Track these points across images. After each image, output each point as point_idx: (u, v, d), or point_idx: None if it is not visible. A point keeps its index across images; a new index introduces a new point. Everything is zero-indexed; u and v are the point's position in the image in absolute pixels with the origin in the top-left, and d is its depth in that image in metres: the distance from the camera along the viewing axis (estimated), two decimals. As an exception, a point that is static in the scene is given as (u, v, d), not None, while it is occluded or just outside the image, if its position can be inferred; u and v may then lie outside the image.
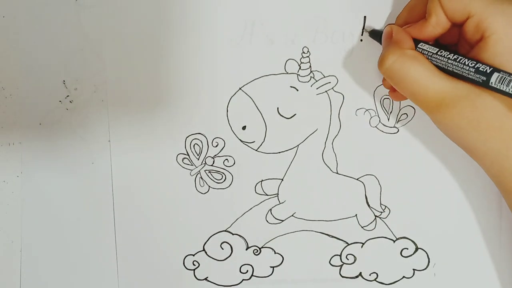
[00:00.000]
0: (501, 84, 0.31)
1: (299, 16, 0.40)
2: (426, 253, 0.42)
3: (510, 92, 0.30)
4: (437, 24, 0.35)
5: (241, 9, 0.40)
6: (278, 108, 0.41)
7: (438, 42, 0.37)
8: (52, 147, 0.41)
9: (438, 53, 0.34)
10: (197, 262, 0.43)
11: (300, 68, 0.41)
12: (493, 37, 0.32)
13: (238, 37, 0.41)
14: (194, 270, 0.43)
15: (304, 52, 0.41)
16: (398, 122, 0.41)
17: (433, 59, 0.34)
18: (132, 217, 0.42)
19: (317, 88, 0.41)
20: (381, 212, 0.42)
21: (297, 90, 0.41)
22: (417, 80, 0.34)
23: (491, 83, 0.31)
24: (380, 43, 0.38)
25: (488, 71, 0.31)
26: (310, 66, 0.41)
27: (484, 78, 0.31)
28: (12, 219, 0.42)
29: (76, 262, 0.42)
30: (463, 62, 0.33)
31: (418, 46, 0.35)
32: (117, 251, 0.42)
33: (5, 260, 0.42)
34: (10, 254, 0.42)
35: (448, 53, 0.34)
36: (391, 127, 0.41)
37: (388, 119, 0.41)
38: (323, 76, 0.41)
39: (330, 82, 0.41)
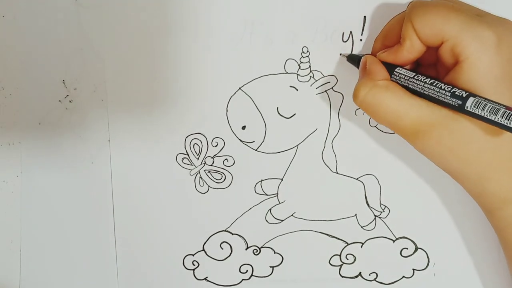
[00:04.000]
0: (477, 108, 0.31)
1: (299, 16, 0.40)
2: (426, 253, 0.42)
3: (485, 116, 0.30)
4: (412, 49, 0.34)
5: (241, 9, 0.40)
6: (277, 108, 0.41)
7: (418, 63, 0.38)
8: (52, 146, 0.41)
9: (415, 77, 0.34)
10: (197, 262, 0.43)
11: (299, 68, 0.41)
12: (467, 61, 0.32)
13: (238, 37, 0.41)
14: (193, 270, 0.43)
15: (303, 52, 0.41)
16: (397, 122, 0.41)
17: (410, 83, 0.34)
18: (131, 217, 0.42)
19: (316, 88, 0.41)
20: (381, 212, 0.42)
21: (297, 90, 0.41)
22: (391, 110, 0.34)
23: (467, 107, 0.31)
24: (357, 67, 0.38)
25: (464, 96, 0.31)
26: (309, 66, 0.41)
27: (460, 102, 0.31)
28: (12, 219, 0.42)
29: (75, 262, 0.42)
30: (439, 86, 0.33)
31: (395, 70, 0.35)
32: (117, 251, 0.42)
33: (4, 260, 0.42)
34: (10, 254, 0.42)
35: (425, 77, 0.34)
36: (390, 127, 0.41)
37: (388, 119, 0.41)
38: (322, 76, 0.41)
39: (329, 82, 0.41)
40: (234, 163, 0.42)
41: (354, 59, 0.39)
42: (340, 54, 0.40)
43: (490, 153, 0.33)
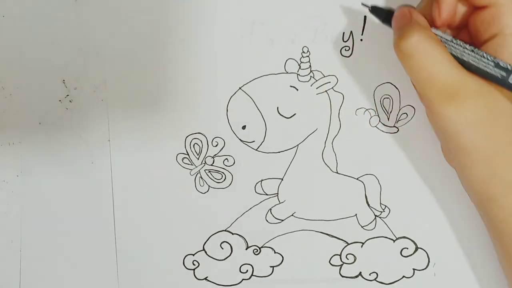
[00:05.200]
0: None
1: (299, 16, 0.40)
2: (426, 252, 0.42)
3: None
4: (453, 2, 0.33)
5: (241, 8, 0.40)
6: (278, 107, 0.41)
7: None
8: (52, 146, 0.41)
9: (453, 41, 0.33)
10: (197, 262, 0.43)
11: (300, 67, 0.41)
12: None
13: (238, 37, 0.41)
14: (194, 269, 0.43)
15: (304, 52, 0.41)
16: (398, 122, 0.42)
17: (447, 46, 0.33)
18: (132, 217, 0.42)
19: (317, 88, 0.41)
20: (381, 212, 0.42)
21: (297, 89, 0.41)
22: (438, 64, 0.31)
23: (511, 78, 0.30)
24: (382, 21, 0.37)
25: (509, 68, 0.30)
26: (310, 65, 0.41)
27: (504, 74, 0.30)
28: (12, 219, 0.42)
29: (76, 262, 0.42)
30: (481, 55, 0.31)
31: (431, 31, 0.33)
32: (117, 251, 0.42)
33: (5, 260, 0.42)
34: (10, 254, 0.42)
35: (464, 42, 0.32)
36: (391, 126, 0.41)
37: (388, 119, 0.41)
38: (323, 76, 0.41)
39: (330, 82, 0.41)
40: (234, 163, 0.42)
41: (380, 12, 0.36)
42: (362, 3, 0.38)
43: None
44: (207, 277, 0.43)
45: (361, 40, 0.40)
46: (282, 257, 0.43)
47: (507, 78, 0.30)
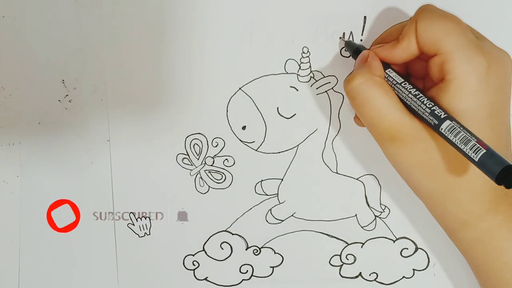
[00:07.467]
0: (450, 133, 0.30)
1: (299, 16, 0.40)
2: (426, 253, 0.42)
3: (455, 143, 0.30)
4: (407, 49, 0.34)
5: (241, 8, 0.40)
6: (278, 108, 0.41)
7: (409, 74, 0.37)
8: (52, 146, 0.41)
9: (403, 84, 0.34)
10: (197, 262, 0.43)
11: (300, 68, 0.41)
12: (454, 82, 0.32)
13: (238, 37, 0.41)
14: (194, 270, 0.43)
15: (304, 52, 0.41)
16: (398, 122, 0.42)
17: (395, 88, 0.34)
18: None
19: (317, 88, 0.41)
20: (381, 212, 0.42)
21: (297, 90, 0.41)
22: (377, 107, 0.33)
23: (441, 129, 0.31)
24: (352, 57, 0.38)
25: (442, 117, 0.31)
26: (310, 66, 0.41)
27: (436, 122, 0.31)
28: (12, 219, 0.42)
29: (75, 262, 0.42)
30: (421, 100, 0.33)
31: (386, 71, 0.35)
32: (117, 251, 0.42)
33: (4, 260, 0.42)
34: (9, 254, 0.42)
35: (411, 86, 0.34)
36: (391, 127, 0.41)
37: (388, 119, 0.41)
38: (323, 76, 0.41)
39: (330, 82, 0.41)
40: (234, 163, 0.42)
41: (351, 47, 0.39)
42: (340, 37, 0.40)
43: (458, 175, 0.33)
44: (207, 277, 0.43)
45: (361, 40, 0.40)
46: (282, 257, 0.43)
47: (438, 126, 0.31)
